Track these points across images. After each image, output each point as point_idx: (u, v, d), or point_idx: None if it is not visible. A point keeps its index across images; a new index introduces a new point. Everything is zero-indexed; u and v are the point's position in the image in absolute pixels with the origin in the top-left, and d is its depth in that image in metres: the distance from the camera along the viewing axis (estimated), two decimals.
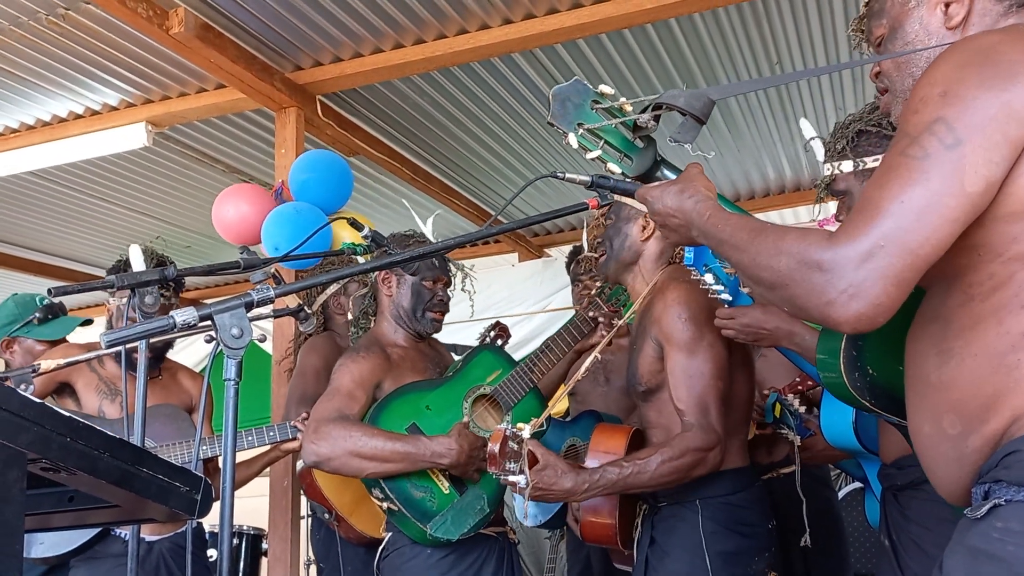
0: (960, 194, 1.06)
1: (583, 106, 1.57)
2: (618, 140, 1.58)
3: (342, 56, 3.93)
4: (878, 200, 1.08)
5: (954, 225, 1.07)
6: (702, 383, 2.12)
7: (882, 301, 1.06)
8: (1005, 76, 1.09)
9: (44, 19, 3.50)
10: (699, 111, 1.46)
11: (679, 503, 2.21)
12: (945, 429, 1.17)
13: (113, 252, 6.24)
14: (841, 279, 1.07)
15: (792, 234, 1.15)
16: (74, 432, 1.02)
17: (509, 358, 2.78)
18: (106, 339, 1.32)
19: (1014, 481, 1.05)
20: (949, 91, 1.10)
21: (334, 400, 2.44)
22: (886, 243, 1.06)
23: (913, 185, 1.07)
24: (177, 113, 4.19)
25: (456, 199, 5.57)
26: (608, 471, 2.05)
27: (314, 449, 2.36)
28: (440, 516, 2.42)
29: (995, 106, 1.07)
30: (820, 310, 1.10)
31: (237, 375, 1.41)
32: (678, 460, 2.05)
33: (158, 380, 2.98)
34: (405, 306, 2.68)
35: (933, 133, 1.08)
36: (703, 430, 2.08)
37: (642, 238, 2.38)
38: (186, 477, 1.19)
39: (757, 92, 4.48)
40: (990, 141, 1.07)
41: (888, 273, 1.05)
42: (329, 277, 1.69)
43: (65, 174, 4.99)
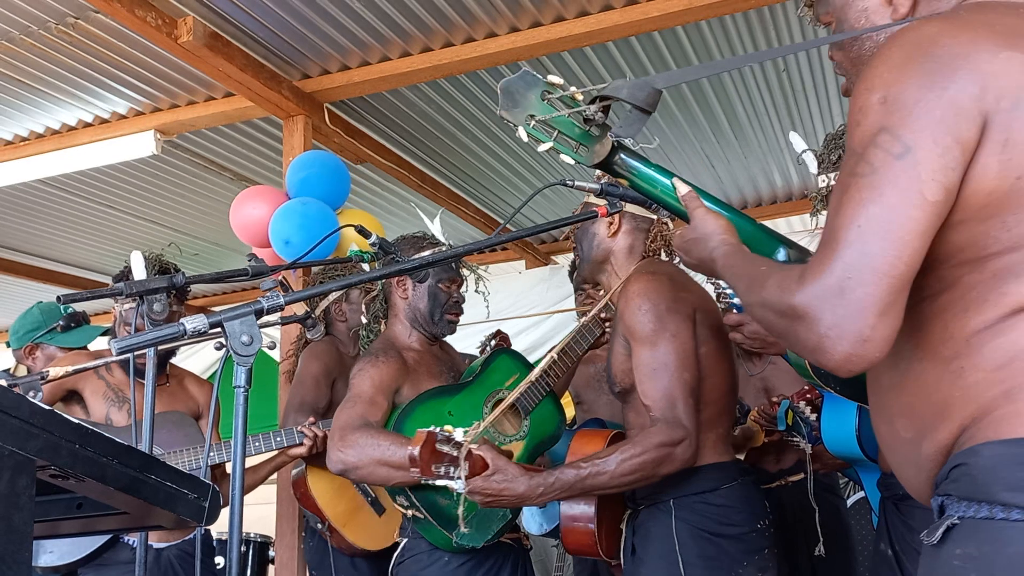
0: (922, 204, 0.98)
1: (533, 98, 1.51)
2: (572, 130, 1.53)
3: (349, 64, 3.94)
4: (835, 228, 1.01)
5: (922, 238, 0.99)
6: (667, 376, 2.01)
7: (868, 335, 0.98)
8: (947, 71, 1.00)
9: (54, 28, 3.52)
10: (643, 102, 1.39)
11: (654, 504, 2.11)
12: (899, 431, 1.14)
13: (121, 260, 6.24)
14: (819, 322, 0.99)
15: (771, 280, 1.09)
16: (83, 439, 1.02)
17: (526, 362, 2.79)
18: (117, 346, 1.33)
19: (963, 496, 1.02)
20: (889, 96, 1.02)
21: (357, 407, 2.40)
22: (854, 273, 0.98)
23: (867, 205, 0.99)
24: (185, 121, 4.21)
25: (463, 207, 5.58)
26: (565, 472, 1.96)
27: (341, 457, 2.31)
28: (466, 523, 2.41)
29: (941, 107, 0.99)
30: (812, 358, 1.03)
31: (247, 382, 1.41)
32: (640, 457, 1.93)
33: (165, 387, 2.99)
34: (422, 309, 2.66)
35: (878, 146, 1.00)
36: (668, 424, 1.97)
37: (609, 235, 2.31)
38: (194, 484, 1.19)
39: (763, 97, 4.47)
40: (942, 146, 0.98)
41: (866, 304, 0.97)
42: (339, 284, 1.69)
43: (74, 182, 5.01)
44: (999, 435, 0.99)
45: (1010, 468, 0.98)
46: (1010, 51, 1.00)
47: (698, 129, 4.77)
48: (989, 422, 1.01)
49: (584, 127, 1.50)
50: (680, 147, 5.00)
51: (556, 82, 1.50)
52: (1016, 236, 1.00)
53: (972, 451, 1.02)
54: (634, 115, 1.40)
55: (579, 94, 1.49)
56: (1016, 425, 0.99)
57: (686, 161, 5.21)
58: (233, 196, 5.26)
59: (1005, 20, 1.05)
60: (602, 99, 1.45)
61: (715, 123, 4.71)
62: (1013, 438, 0.98)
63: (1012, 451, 0.98)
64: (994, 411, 1.01)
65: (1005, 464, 0.98)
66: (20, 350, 3.32)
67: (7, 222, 5.61)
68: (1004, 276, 1.01)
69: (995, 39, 1.01)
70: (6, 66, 3.80)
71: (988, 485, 0.99)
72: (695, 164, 5.26)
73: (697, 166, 5.29)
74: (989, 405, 1.01)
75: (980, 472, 1.00)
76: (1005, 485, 0.97)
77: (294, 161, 3.85)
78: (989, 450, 1.00)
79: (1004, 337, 1.01)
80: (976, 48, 1.01)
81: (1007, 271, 1.01)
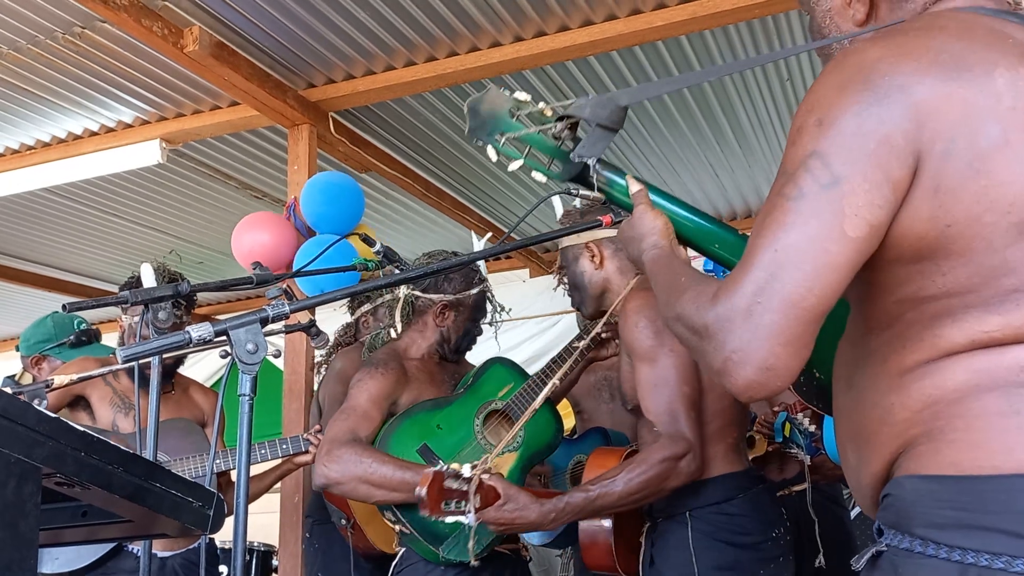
0: (841, 239, 0.95)
1: (502, 115, 1.47)
2: (543, 146, 1.47)
3: (354, 73, 3.96)
4: (753, 249, 0.98)
5: (838, 272, 0.95)
6: (667, 390, 2.04)
7: (771, 364, 0.95)
8: (884, 102, 0.95)
9: (60, 37, 3.54)
10: (607, 120, 1.34)
11: (671, 516, 2.13)
12: (848, 455, 1.14)
13: (126, 268, 6.28)
14: (725, 344, 0.97)
15: (688, 294, 1.07)
16: (88, 447, 1.02)
17: (521, 371, 2.77)
18: (123, 354, 1.33)
19: (890, 525, 1.03)
20: (825, 119, 0.98)
21: (349, 420, 2.43)
22: (763, 298, 0.95)
23: (788, 230, 0.96)
24: (191, 130, 4.22)
25: (468, 215, 5.58)
26: (574, 496, 2.00)
27: (324, 472, 2.34)
28: (452, 538, 2.41)
29: (874, 140, 0.95)
30: (718, 379, 1.01)
31: (252, 390, 1.41)
32: (646, 474, 1.97)
33: (171, 395, 2.99)
34: (453, 341, 2.70)
35: (808, 170, 0.97)
36: (671, 438, 1.99)
37: (596, 267, 2.33)
38: (199, 492, 1.19)
39: (767, 106, 4.48)
40: (871, 181, 0.94)
41: (772, 331, 0.94)
42: (344, 292, 1.70)
43: (79, 191, 5.03)
44: (920, 470, 1.00)
45: (927, 504, 0.98)
46: (951, 85, 0.96)
47: (702, 138, 4.78)
48: (912, 456, 1.01)
49: (555, 143, 1.46)
50: (684, 156, 5.01)
51: (523, 99, 1.47)
52: (951, 282, 0.98)
53: (897, 482, 1.03)
54: (598, 133, 1.36)
55: (548, 110, 1.45)
56: (934, 462, 0.99)
57: (690, 170, 5.21)
58: (238, 204, 5.31)
59: (951, 47, 0.99)
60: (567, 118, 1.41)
61: (719, 132, 4.72)
62: (932, 475, 0.99)
63: (930, 487, 0.98)
64: (917, 446, 1.01)
65: (923, 500, 0.99)
66: (28, 358, 3.34)
67: (13, 230, 5.64)
68: (940, 319, 1.00)
69: (938, 72, 0.97)
70: (12, 75, 3.82)
71: (909, 518, 1.00)
72: (699, 173, 5.27)
73: (701, 175, 5.30)
74: (912, 441, 1.02)
75: (903, 504, 1.01)
76: (923, 520, 0.98)
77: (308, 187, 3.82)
78: (911, 484, 1.01)
79: (930, 379, 1.00)
80: (916, 80, 0.96)
81: (943, 314, 0.99)
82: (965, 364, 0.98)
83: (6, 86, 3.90)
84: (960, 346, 0.98)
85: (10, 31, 3.49)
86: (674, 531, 2.11)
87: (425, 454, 2.48)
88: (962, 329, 0.98)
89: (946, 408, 0.99)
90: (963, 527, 0.95)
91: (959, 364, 0.98)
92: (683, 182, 5.36)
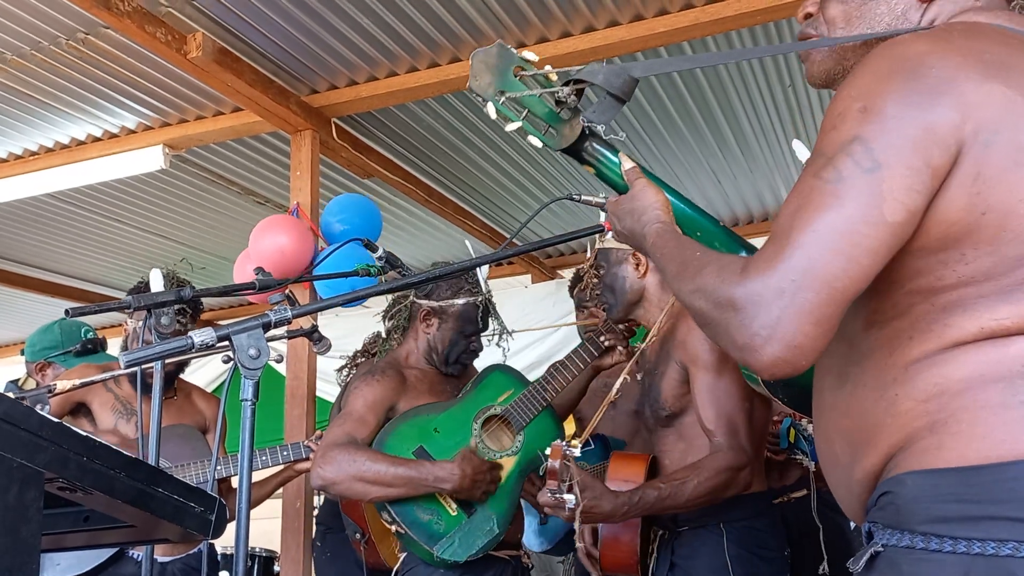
0: (880, 223, 0.96)
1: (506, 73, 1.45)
2: (542, 111, 1.45)
3: (357, 79, 3.96)
4: (789, 228, 0.98)
5: (874, 256, 0.97)
6: (731, 403, 2.10)
7: (800, 342, 0.96)
8: (930, 94, 0.98)
9: (64, 43, 3.55)
10: (619, 89, 1.33)
11: (703, 526, 2.18)
12: (837, 453, 1.13)
13: (129, 273, 6.29)
14: (754, 320, 0.97)
15: (710, 268, 1.07)
16: (91, 452, 1.02)
17: (521, 377, 2.77)
18: (125, 359, 1.33)
19: (888, 524, 1.02)
20: (869, 106, 0.99)
21: (345, 425, 2.47)
22: (799, 277, 0.95)
23: (827, 211, 0.97)
24: (194, 136, 4.23)
25: (470, 221, 5.59)
26: (647, 493, 2.03)
27: (320, 473, 2.40)
28: (447, 538, 2.42)
29: (918, 128, 0.97)
30: (738, 354, 1.01)
31: (254, 395, 1.42)
32: (713, 480, 2.04)
33: (172, 400, 2.99)
34: (440, 350, 2.69)
35: (850, 154, 0.98)
36: (734, 450, 2.07)
37: (639, 275, 2.36)
38: (201, 497, 1.19)
39: (770, 111, 4.48)
40: (912, 167, 0.96)
41: (804, 309, 0.95)
42: (344, 298, 1.70)
43: (83, 196, 5.04)
44: (922, 465, 1.00)
45: (931, 499, 0.98)
46: (994, 83, 0.99)
47: (704, 144, 4.78)
48: (914, 451, 1.01)
49: (555, 108, 1.44)
50: (686, 162, 5.01)
51: (531, 59, 1.45)
52: (972, 270, 0.99)
53: (897, 480, 1.02)
54: (608, 102, 1.35)
55: (553, 74, 1.43)
56: (938, 456, 0.99)
57: (692, 176, 5.21)
58: (240, 210, 5.32)
59: (995, 49, 1.03)
60: (576, 82, 1.39)
61: (721, 138, 4.72)
62: (935, 468, 0.99)
63: (933, 482, 0.98)
64: (919, 441, 1.01)
65: (926, 495, 0.98)
66: (32, 364, 3.35)
67: (16, 236, 5.64)
68: (952, 309, 1.00)
69: (982, 68, 1.00)
70: (17, 81, 3.83)
71: (910, 515, 0.99)
72: (701, 179, 5.27)
73: (703, 181, 5.30)
74: (914, 435, 1.01)
75: (903, 502, 1.00)
76: (926, 516, 0.98)
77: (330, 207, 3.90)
78: (912, 480, 1.00)
79: (938, 369, 1.00)
80: (962, 75, 0.99)
81: (956, 304, 1.00)
82: (972, 355, 0.99)
83: (10, 91, 3.91)
84: (970, 335, 0.99)
85: (14, 37, 3.50)
86: (706, 540, 2.16)
87: (421, 456, 2.49)
88: (973, 318, 0.99)
89: (951, 400, 0.99)
90: (968, 519, 0.95)
91: (967, 355, 0.99)
92: (685, 187, 5.36)
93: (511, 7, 3.46)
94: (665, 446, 2.31)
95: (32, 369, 3.36)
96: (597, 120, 1.37)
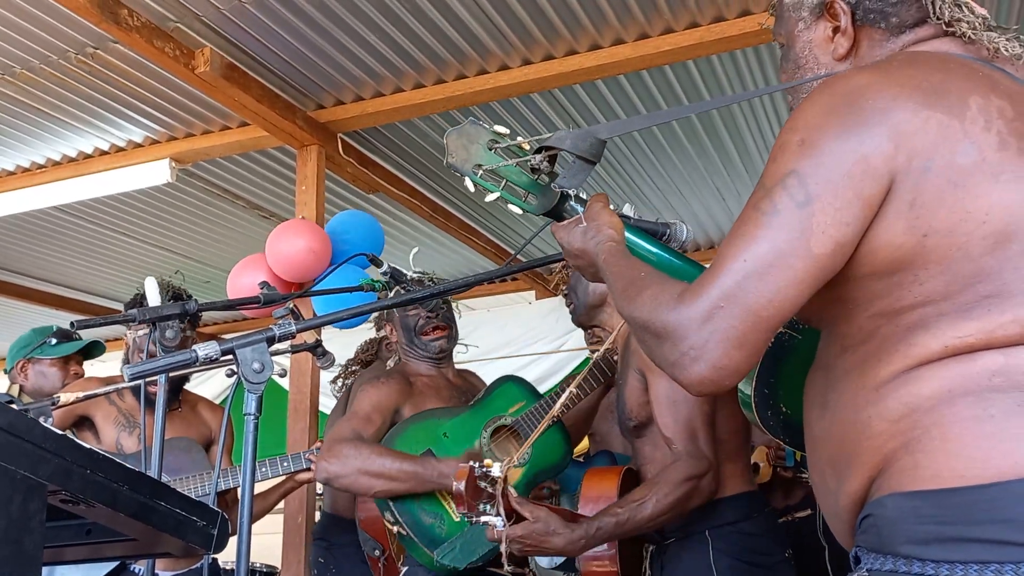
0: (806, 256, 1.00)
1: (480, 147, 1.50)
2: (520, 179, 1.51)
3: (363, 95, 3.98)
4: (723, 257, 1.04)
5: (800, 287, 1.01)
6: (687, 408, 2.04)
7: (724, 364, 1.01)
8: (865, 126, 1.02)
9: (73, 58, 3.58)
10: (587, 152, 1.38)
11: (688, 536, 2.12)
12: (827, 482, 1.14)
13: (133, 287, 6.26)
14: (683, 340, 1.03)
15: (650, 290, 1.12)
16: (94, 464, 1.02)
17: (534, 391, 2.78)
18: (129, 372, 1.34)
19: (872, 548, 1.03)
20: (807, 140, 1.04)
21: (352, 422, 2.50)
22: (726, 303, 1.01)
23: (758, 242, 1.02)
24: (201, 150, 4.25)
25: (475, 237, 5.60)
26: (604, 521, 1.98)
27: (325, 467, 2.42)
28: (448, 544, 2.41)
29: (851, 161, 1.01)
30: (669, 371, 1.06)
31: (257, 409, 1.42)
32: (673, 494, 1.98)
33: (178, 412, 2.99)
34: (404, 341, 2.75)
35: (785, 187, 1.02)
36: (693, 457, 2.01)
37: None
38: (203, 511, 1.19)
39: (774, 130, 4.49)
40: (842, 200, 1.00)
41: (729, 335, 1.00)
42: (350, 312, 1.70)
43: (89, 209, 5.06)
44: (901, 487, 1.01)
45: (909, 521, 0.99)
46: (931, 110, 1.02)
47: (709, 162, 4.79)
48: (892, 473, 1.02)
49: (532, 176, 1.50)
50: (691, 180, 5.02)
51: (502, 132, 1.50)
52: (928, 290, 1.02)
53: (879, 503, 1.03)
54: (578, 165, 1.39)
55: (525, 144, 1.49)
56: (915, 477, 1.00)
57: (697, 194, 5.22)
58: (246, 224, 5.33)
59: (933, 76, 1.06)
60: (547, 149, 1.44)
61: (726, 156, 4.73)
62: (913, 491, 0.99)
63: (912, 504, 0.99)
64: (896, 462, 1.02)
65: (906, 517, 0.99)
66: (13, 369, 3.35)
67: (22, 248, 5.66)
68: (915, 329, 1.03)
69: (919, 97, 1.03)
70: (25, 94, 3.85)
71: (892, 538, 1.00)
72: (706, 197, 5.28)
73: (708, 199, 5.31)
74: (891, 456, 1.02)
75: (884, 524, 1.01)
76: (906, 538, 0.99)
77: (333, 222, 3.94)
78: (892, 502, 1.01)
79: (907, 388, 1.02)
80: (898, 105, 1.03)
81: (918, 324, 1.02)
82: (939, 372, 1.01)
83: (18, 104, 3.93)
84: (935, 354, 1.01)
85: (23, 51, 3.52)
86: (693, 550, 2.10)
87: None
88: (936, 336, 1.01)
89: (922, 417, 1.01)
90: (947, 541, 0.96)
91: (934, 372, 1.01)
92: (690, 206, 5.37)
93: (517, 25, 3.47)
94: (643, 457, 2.25)
95: (14, 374, 3.35)
96: (568, 185, 1.41)
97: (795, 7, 1.28)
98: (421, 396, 2.62)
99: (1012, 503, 0.94)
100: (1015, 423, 0.97)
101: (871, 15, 1.21)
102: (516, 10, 3.38)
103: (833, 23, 1.24)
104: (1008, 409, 0.97)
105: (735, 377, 1.03)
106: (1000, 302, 1.00)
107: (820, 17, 1.25)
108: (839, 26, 1.23)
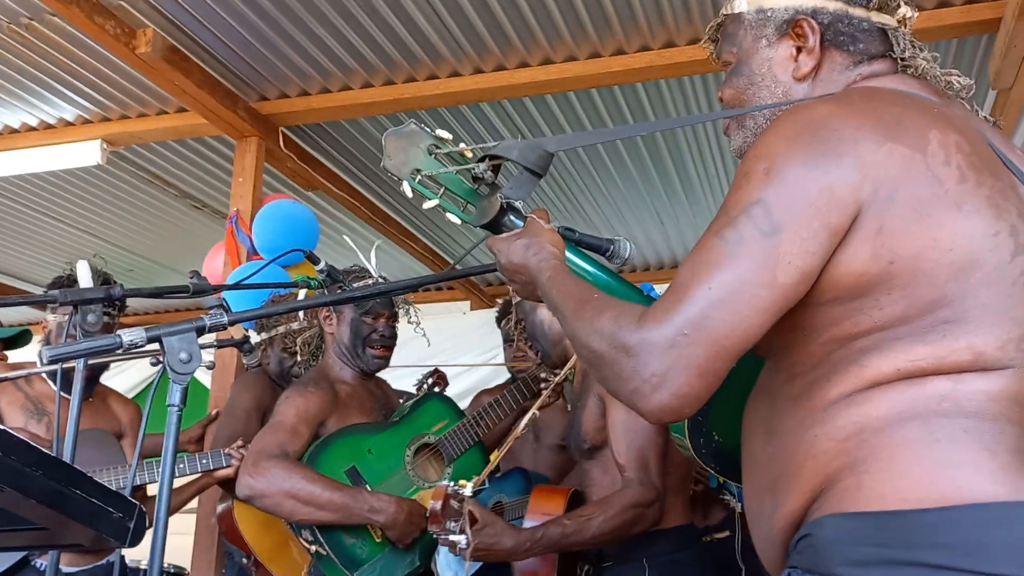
0: (772, 285, 1.00)
1: (420, 151, 1.45)
2: (459, 188, 1.46)
3: (309, 90, 3.92)
4: (687, 283, 1.02)
5: (764, 316, 1.01)
6: (642, 437, 2.09)
7: (686, 392, 1.00)
8: (831, 155, 1.02)
9: (5, 27, 3.43)
10: (534, 164, 1.35)
11: (626, 562, 2.17)
12: (763, 507, 1.14)
13: (53, 270, 6.04)
14: (646, 366, 1.01)
15: (609, 312, 1.09)
16: (7, 447, 0.96)
17: (457, 409, 2.76)
18: (48, 354, 1.27)
19: (806, 568, 1.02)
20: (772, 168, 1.03)
21: (278, 434, 2.39)
22: (690, 331, 0.99)
23: (723, 271, 1.01)
24: (135, 133, 4.12)
25: (412, 242, 5.55)
26: (550, 529, 2.03)
27: (250, 483, 2.31)
28: (369, 565, 2.36)
29: (817, 191, 1.01)
30: (627, 397, 1.04)
31: (181, 401, 1.36)
32: (620, 517, 2.03)
33: (89, 403, 2.88)
34: (346, 343, 2.64)
35: (751, 217, 1.02)
36: (643, 485, 2.06)
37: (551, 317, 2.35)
38: (120, 503, 1.13)
39: (715, 158, 4.57)
40: (808, 230, 1.00)
41: (692, 363, 0.99)
42: (284, 308, 1.65)
43: (11, 187, 4.86)
44: (842, 507, 1.01)
45: (848, 542, 0.99)
46: (893, 143, 1.03)
47: (650, 186, 4.85)
48: (834, 493, 1.02)
49: (473, 185, 1.46)
50: (632, 202, 5.07)
51: (444, 137, 1.45)
52: (887, 315, 1.02)
53: (817, 523, 1.03)
54: (525, 176, 1.36)
55: (468, 151, 1.45)
56: (857, 497, 1.00)
57: (637, 216, 5.28)
58: (176, 213, 5.19)
59: (891, 110, 1.08)
60: (492, 158, 1.41)
61: (667, 181, 4.80)
62: (853, 512, 1.00)
63: (851, 524, 0.99)
64: (839, 482, 1.02)
65: (844, 538, 0.99)
66: None
67: None
68: (868, 351, 1.03)
69: (882, 129, 1.04)
70: None
71: (828, 558, 1.00)
72: (645, 220, 5.33)
73: (647, 222, 5.37)
74: (834, 476, 1.03)
75: (822, 545, 1.01)
76: (843, 560, 0.99)
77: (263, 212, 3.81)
78: (831, 522, 1.01)
79: (856, 408, 1.03)
80: (862, 136, 1.03)
81: (872, 348, 1.03)
82: (890, 394, 1.02)
83: None
84: (887, 376, 1.02)
85: None
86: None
87: (353, 476, 2.44)
88: (889, 359, 1.02)
89: (870, 438, 1.01)
90: (886, 564, 0.96)
91: (884, 394, 1.02)
92: (629, 227, 5.42)
93: (471, 33, 3.46)
94: (590, 479, 2.30)
95: None
96: (515, 195, 1.39)
97: (758, 24, 1.28)
98: (345, 408, 2.56)
99: (952, 528, 0.95)
100: (958, 448, 0.98)
101: (841, 37, 1.23)
102: (471, 18, 3.37)
103: (798, 43, 1.24)
104: (953, 435, 0.99)
105: (695, 405, 1.01)
106: (955, 328, 1.01)
107: (784, 36, 1.25)
108: (804, 46, 1.24)
